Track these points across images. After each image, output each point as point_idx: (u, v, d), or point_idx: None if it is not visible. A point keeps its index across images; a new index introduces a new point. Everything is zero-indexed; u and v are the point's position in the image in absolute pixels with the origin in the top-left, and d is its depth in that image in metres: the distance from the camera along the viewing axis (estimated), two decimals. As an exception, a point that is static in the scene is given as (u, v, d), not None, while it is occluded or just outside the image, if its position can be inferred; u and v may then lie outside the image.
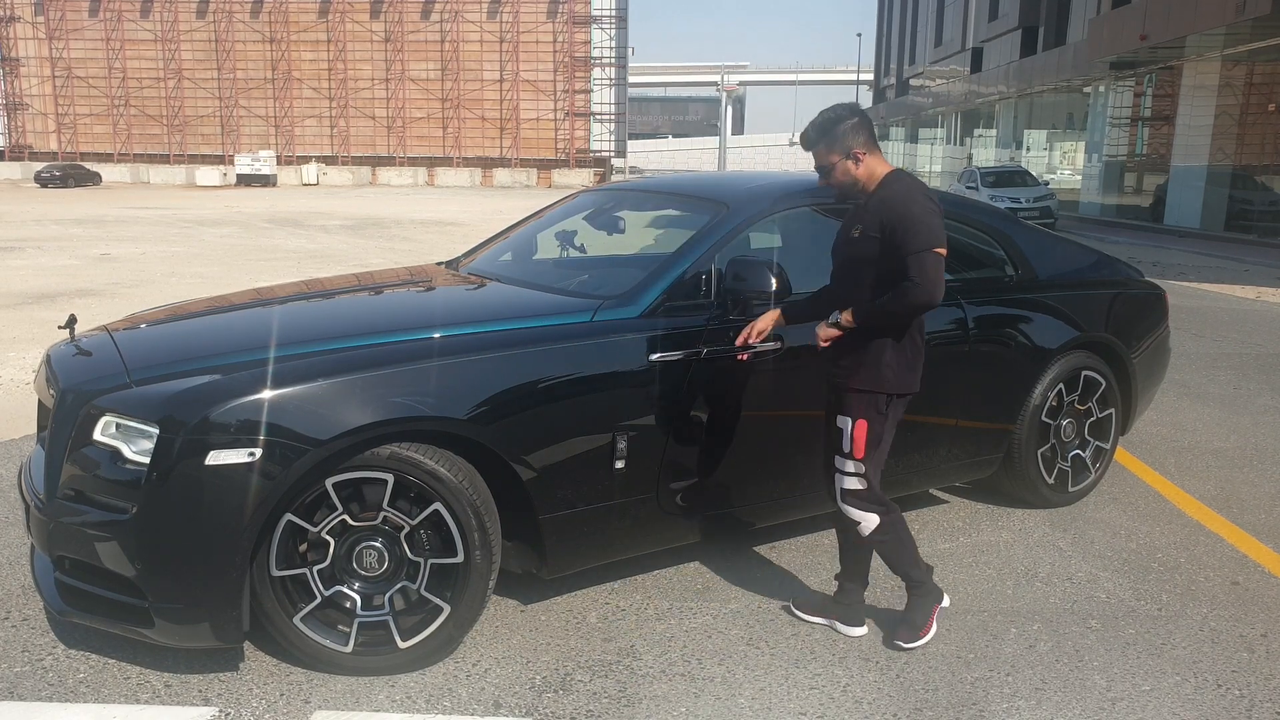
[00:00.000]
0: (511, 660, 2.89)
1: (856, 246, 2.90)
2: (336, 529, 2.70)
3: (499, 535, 2.84)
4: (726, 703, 2.68)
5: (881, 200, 2.86)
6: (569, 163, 58.03)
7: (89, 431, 2.61)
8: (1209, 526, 4.06)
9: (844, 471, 2.94)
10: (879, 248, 2.83)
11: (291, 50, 56.50)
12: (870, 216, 2.87)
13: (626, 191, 4.66)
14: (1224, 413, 5.97)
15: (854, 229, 2.92)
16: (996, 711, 2.66)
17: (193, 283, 11.09)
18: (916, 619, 3.03)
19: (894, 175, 2.92)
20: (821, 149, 2.91)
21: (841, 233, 3.02)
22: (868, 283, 2.88)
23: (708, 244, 3.35)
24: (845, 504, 2.95)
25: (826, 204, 3.87)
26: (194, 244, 16.23)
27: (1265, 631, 3.14)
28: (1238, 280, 13.48)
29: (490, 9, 56.76)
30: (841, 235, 3.01)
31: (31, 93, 57.15)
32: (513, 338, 2.95)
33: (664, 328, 3.13)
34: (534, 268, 4.17)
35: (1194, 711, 2.68)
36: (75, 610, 2.67)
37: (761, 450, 3.40)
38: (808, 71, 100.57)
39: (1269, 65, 22.63)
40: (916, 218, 2.77)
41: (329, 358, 2.72)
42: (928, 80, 51.23)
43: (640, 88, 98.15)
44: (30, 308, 9.23)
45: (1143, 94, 28.35)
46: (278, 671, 2.78)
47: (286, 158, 55.96)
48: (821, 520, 3.91)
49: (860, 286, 2.89)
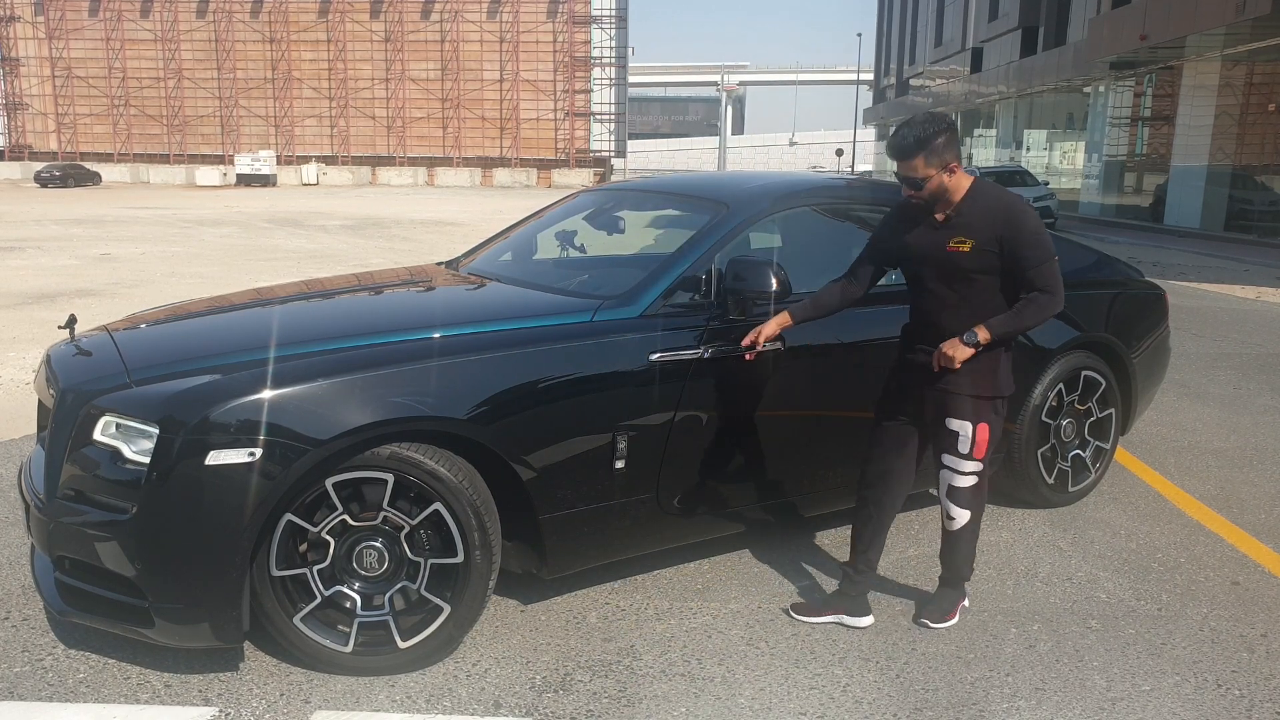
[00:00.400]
0: (511, 660, 2.89)
1: (971, 260, 2.90)
2: (336, 529, 2.69)
3: (499, 535, 2.84)
4: (726, 703, 2.68)
5: (988, 212, 2.89)
6: (569, 163, 58.06)
7: (89, 431, 2.61)
8: (1209, 526, 4.06)
9: (959, 471, 3.05)
10: (998, 261, 2.88)
11: (291, 50, 56.53)
12: (980, 230, 2.88)
13: (626, 191, 4.66)
14: (1224, 413, 5.97)
15: (957, 241, 2.91)
16: (996, 711, 2.66)
17: (193, 283, 11.09)
18: (944, 605, 3.18)
19: (979, 184, 2.96)
20: (919, 161, 2.86)
21: (930, 244, 2.97)
22: (982, 294, 2.93)
23: (708, 244, 3.35)
24: (951, 500, 3.09)
25: (826, 204, 3.88)
26: (194, 244, 16.23)
27: (1265, 631, 3.14)
28: (1238, 280, 13.49)
29: (490, 9, 56.79)
30: (935, 244, 2.95)
31: (31, 93, 57.18)
32: (513, 338, 2.94)
33: (664, 328, 3.13)
34: (534, 268, 4.17)
35: (1194, 711, 2.68)
36: (75, 610, 2.67)
37: (762, 450, 3.40)
38: (808, 71, 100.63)
39: (1269, 65, 22.63)
40: (1034, 230, 2.87)
41: (329, 358, 2.72)
42: (928, 80, 51.25)
43: (640, 88, 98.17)
44: (30, 308, 9.23)
45: (1143, 94, 28.36)
46: (278, 671, 2.78)
47: (286, 158, 55.99)
48: (821, 520, 3.91)
49: (968, 298, 2.93)
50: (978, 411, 2.97)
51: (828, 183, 4.07)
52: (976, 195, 2.93)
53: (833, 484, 3.62)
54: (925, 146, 2.84)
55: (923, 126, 2.88)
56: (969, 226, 2.90)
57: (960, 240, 2.90)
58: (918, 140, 2.85)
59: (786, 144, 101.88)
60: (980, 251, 2.88)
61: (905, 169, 2.89)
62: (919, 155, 2.85)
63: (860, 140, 69.24)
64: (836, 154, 68.24)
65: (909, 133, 2.87)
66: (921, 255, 3.00)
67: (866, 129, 70.81)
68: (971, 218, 2.91)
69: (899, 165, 2.91)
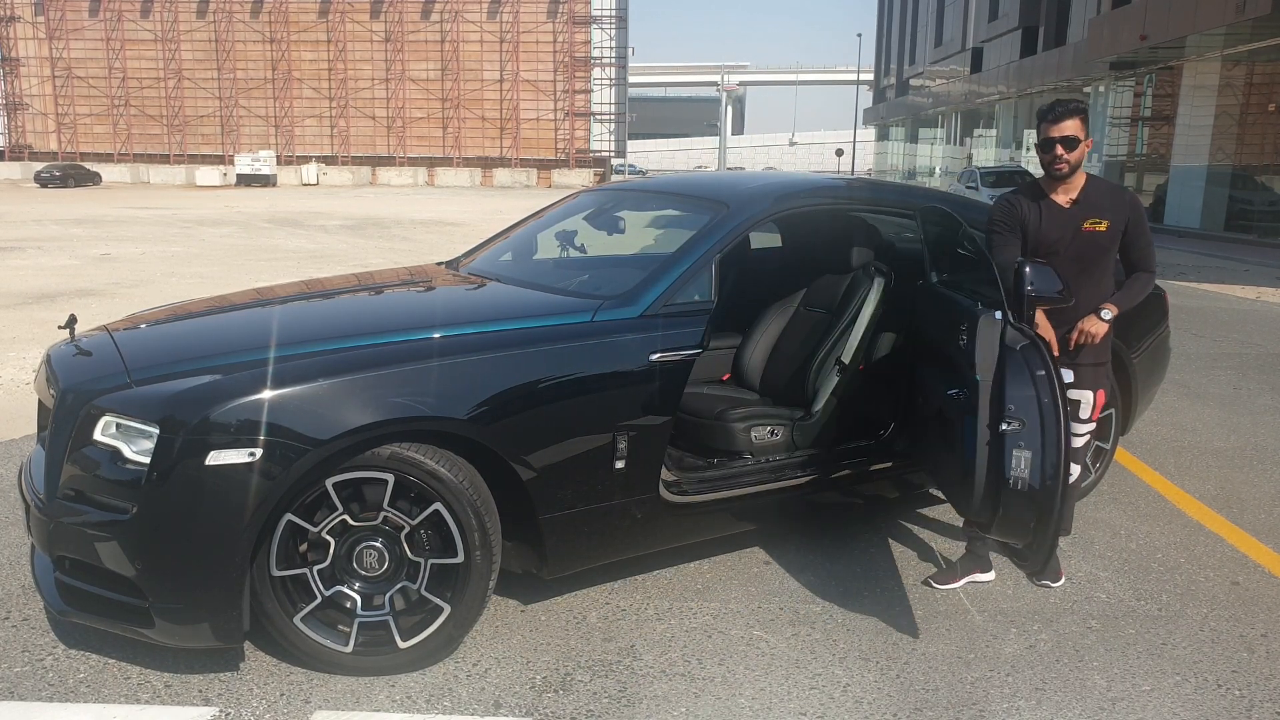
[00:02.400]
0: (511, 660, 2.89)
1: (1107, 239, 3.28)
2: (337, 529, 2.70)
3: (499, 535, 2.84)
4: (726, 703, 2.68)
5: (1115, 194, 3.33)
6: (569, 163, 58.05)
7: (89, 431, 2.61)
8: (1209, 526, 4.06)
9: (1076, 434, 3.33)
10: (1121, 241, 3.31)
11: (291, 50, 56.53)
12: (1112, 212, 3.27)
13: (626, 191, 4.66)
14: (1224, 413, 5.97)
15: (1093, 222, 3.24)
16: (996, 711, 2.66)
17: (193, 283, 11.09)
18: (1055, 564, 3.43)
19: (1088, 174, 3.36)
20: (1078, 122, 3.22)
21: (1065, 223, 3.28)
22: (1105, 272, 3.32)
23: (708, 244, 3.35)
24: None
25: (826, 204, 3.88)
26: (194, 244, 16.23)
27: (1265, 631, 3.14)
28: (1238, 280, 13.49)
29: (490, 9, 56.79)
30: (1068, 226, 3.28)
31: (31, 93, 57.17)
32: (513, 338, 2.94)
33: (664, 328, 3.12)
34: (534, 268, 4.17)
35: (1194, 711, 2.68)
36: (75, 610, 2.67)
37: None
38: (808, 71, 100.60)
39: (1269, 65, 22.63)
40: (1145, 217, 3.35)
41: (329, 358, 2.72)
42: (928, 80, 51.24)
43: (640, 88, 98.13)
44: (30, 308, 9.23)
45: (1143, 94, 28.36)
46: (278, 671, 2.78)
47: (286, 158, 55.98)
48: (820, 520, 3.91)
49: (1094, 275, 3.29)
50: (1096, 379, 3.35)
51: (828, 183, 4.07)
52: (1097, 182, 3.35)
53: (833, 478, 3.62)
54: (1080, 113, 3.22)
55: (1077, 99, 3.32)
56: (1101, 208, 3.28)
57: (1096, 221, 3.26)
58: (1077, 106, 3.23)
59: (786, 144, 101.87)
60: (1115, 232, 3.27)
61: (1064, 129, 3.21)
62: (1078, 116, 3.22)
63: (860, 140, 69.25)
64: (836, 154, 68.24)
65: (1068, 101, 3.27)
66: (1057, 236, 3.29)
67: (866, 129, 70.82)
68: (1101, 200, 3.29)
69: (1055, 128, 3.22)
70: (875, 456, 3.70)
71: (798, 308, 4.11)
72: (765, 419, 3.65)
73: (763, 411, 3.71)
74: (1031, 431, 2.76)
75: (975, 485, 2.91)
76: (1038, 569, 2.94)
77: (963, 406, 2.97)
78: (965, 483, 2.97)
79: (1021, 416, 2.77)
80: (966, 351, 2.96)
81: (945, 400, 3.07)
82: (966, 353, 2.96)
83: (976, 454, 2.88)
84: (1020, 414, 2.78)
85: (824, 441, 3.71)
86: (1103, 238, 3.28)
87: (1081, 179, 3.31)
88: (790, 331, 4.07)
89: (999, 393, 2.82)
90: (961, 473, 2.99)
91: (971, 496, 2.94)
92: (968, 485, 2.95)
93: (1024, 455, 2.77)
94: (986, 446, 2.86)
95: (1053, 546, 2.80)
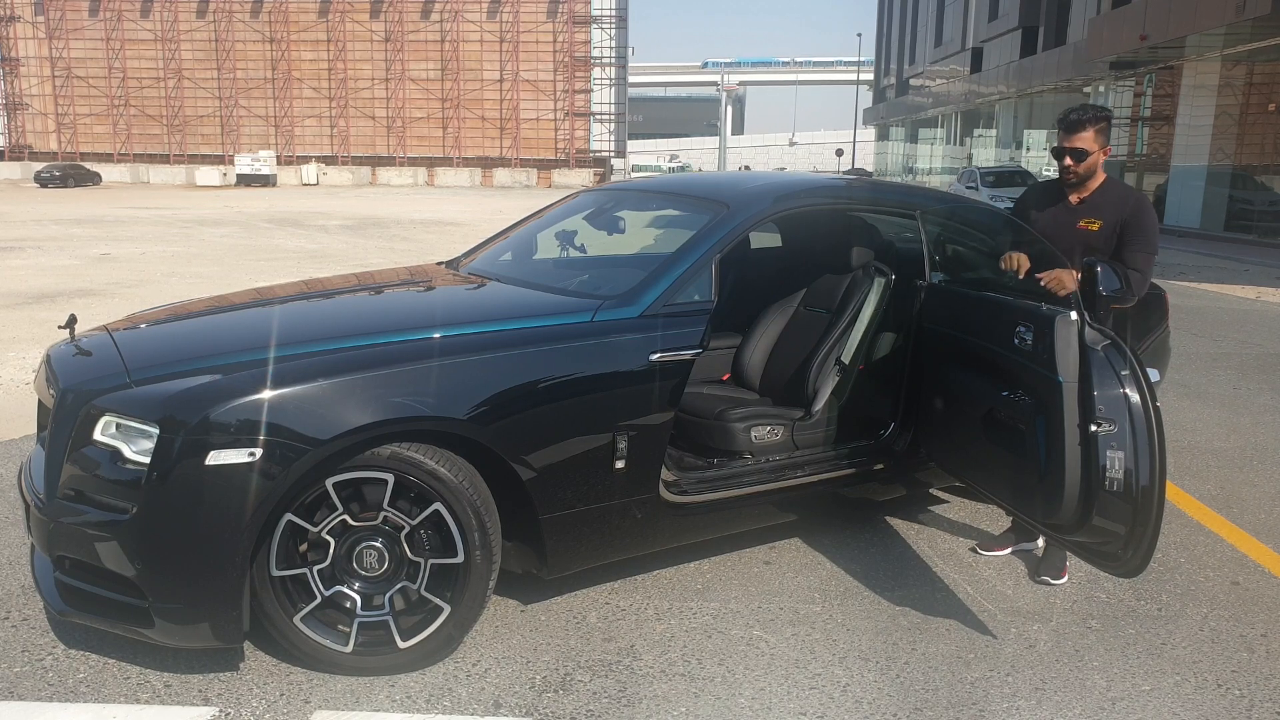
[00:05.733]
0: (511, 660, 2.89)
1: (1097, 239, 3.36)
2: (337, 529, 2.69)
3: (499, 535, 2.84)
4: (726, 703, 2.68)
5: (1120, 199, 3.39)
6: (569, 163, 58.05)
7: (89, 431, 2.61)
8: (1209, 526, 4.06)
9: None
10: (1115, 243, 3.36)
11: (291, 50, 56.51)
12: (1109, 214, 3.36)
13: (626, 191, 4.66)
14: (1224, 413, 5.97)
15: (1087, 221, 3.32)
16: (996, 711, 2.66)
17: (193, 283, 11.08)
18: (1058, 562, 3.47)
19: (1113, 179, 3.45)
20: (1091, 135, 3.31)
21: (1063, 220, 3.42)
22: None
23: (708, 244, 3.35)
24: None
25: (826, 204, 3.88)
26: (194, 244, 16.23)
27: (1265, 631, 3.14)
28: (1238, 280, 13.49)
29: (490, 9, 56.77)
30: (1064, 223, 3.41)
31: (31, 93, 57.16)
32: (513, 338, 2.94)
33: (664, 328, 3.12)
34: (534, 268, 4.17)
35: (1194, 711, 2.68)
36: (75, 610, 2.67)
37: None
38: (808, 71, 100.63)
39: (1269, 65, 22.62)
40: (1153, 226, 3.35)
41: (329, 358, 2.72)
42: (928, 80, 51.23)
43: (640, 88, 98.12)
44: (30, 308, 9.23)
45: (1143, 94, 28.35)
46: (278, 671, 2.78)
47: (286, 158, 55.97)
48: (821, 520, 3.91)
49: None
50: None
51: (828, 183, 4.07)
52: (1111, 185, 3.45)
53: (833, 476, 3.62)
54: (1098, 123, 3.31)
55: (1096, 110, 3.37)
56: (1099, 209, 3.39)
57: (1091, 220, 3.37)
58: (1094, 116, 3.31)
59: (786, 144, 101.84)
60: (1108, 232, 3.35)
61: (1075, 140, 3.32)
62: (1092, 129, 3.31)
63: (860, 140, 69.22)
64: (836, 154, 68.24)
65: (1086, 110, 3.34)
66: (1052, 233, 3.41)
67: (866, 129, 70.80)
68: (1103, 203, 3.40)
69: (1069, 138, 3.33)
70: (875, 456, 3.70)
71: (798, 308, 4.11)
72: (765, 419, 3.65)
73: (763, 411, 3.71)
74: (1123, 432, 2.75)
75: (1063, 488, 2.86)
76: (1137, 568, 2.84)
77: (1029, 409, 2.94)
78: (1043, 486, 2.93)
79: (1113, 417, 2.76)
80: (1038, 353, 2.93)
81: (1001, 403, 3.05)
82: (1038, 354, 2.93)
83: (1066, 457, 2.85)
84: (1111, 414, 2.76)
85: (824, 441, 3.71)
86: (1094, 237, 3.37)
87: (1098, 181, 3.42)
88: (790, 331, 4.07)
89: (1086, 394, 2.81)
90: (1037, 476, 2.95)
91: (1053, 500, 2.90)
92: (1049, 489, 2.91)
93: (1117, 456, 2.76)
94: (1078, 448, 2.83)
95: (1153, 544, 2.77)
